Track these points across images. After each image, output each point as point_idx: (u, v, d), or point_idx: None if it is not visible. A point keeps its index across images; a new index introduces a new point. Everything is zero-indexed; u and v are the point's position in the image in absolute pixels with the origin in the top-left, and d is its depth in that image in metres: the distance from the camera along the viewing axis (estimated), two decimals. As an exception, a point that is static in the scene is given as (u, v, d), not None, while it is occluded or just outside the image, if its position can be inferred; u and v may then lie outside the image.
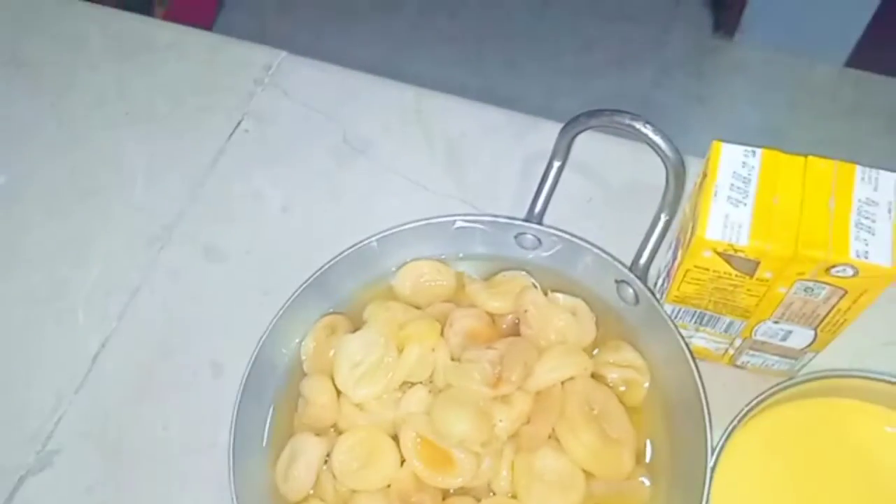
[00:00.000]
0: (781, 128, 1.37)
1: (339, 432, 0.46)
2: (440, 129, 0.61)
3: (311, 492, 0.45)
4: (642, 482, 0.44)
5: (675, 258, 0.46)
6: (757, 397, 0.43)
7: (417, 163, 0.60)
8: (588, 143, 0.51)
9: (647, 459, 0.45)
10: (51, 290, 0.59)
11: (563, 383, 0.45)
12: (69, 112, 0.66)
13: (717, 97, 1.45)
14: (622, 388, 0.46)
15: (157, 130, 0.64)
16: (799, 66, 1.44)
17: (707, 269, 0.41)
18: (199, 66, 0.67)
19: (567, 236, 0.48)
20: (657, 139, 0.43)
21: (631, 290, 0.47)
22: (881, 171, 0.39)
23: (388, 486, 0.44)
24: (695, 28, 1.53)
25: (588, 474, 0.43)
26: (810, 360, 0.47)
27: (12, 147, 0.65)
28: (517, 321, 0.48)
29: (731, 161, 0.40)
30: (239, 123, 0.63)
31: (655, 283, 0.50)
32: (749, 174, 0.40)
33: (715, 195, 0.39)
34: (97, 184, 0.63)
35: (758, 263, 0.39)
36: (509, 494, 0.43)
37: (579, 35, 1.54)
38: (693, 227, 0.40)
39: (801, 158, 0.40)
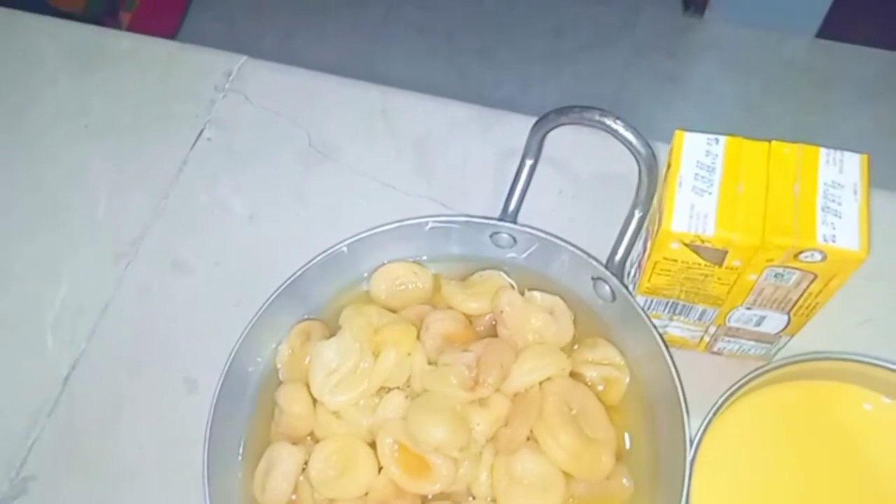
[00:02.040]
0: (755, 103, 1.37)
1: (317, 441, 0.45)
2: (407, 127, 0.61)
3: (291, 500, 0.44)
4: (623, 482, 0.43)
5: (645, 249, 0.45)
6: (733, 386, 0.43)
7: (385, 163, 0.59)
8: (559, 136, 0.51)
9: (628, 457, 0.45)
10: (17, 313, 0.57)
11: (540, 384, 0.44)
12: (28, 129, 0.65)
13: (690, 76, 1.45)
14: (601, 387, 0.46)
15: (118, 143, 0.63)
16: (770, 40, 1.44)
17: (676, 261, 0.40)
18: (159, 75, 0.65)
19: (542, 235, 0.47)
20: (628, 135, 0.43)
21: (607, 287, 0.46)
22: (846, 153, 0.39)
23: (367, 493, 0.43)
24: (665, 8, 1.53)
25: (568, 475, 0.43)
26: (786, 343, 0.47)
27: (-29, 167, 0.64)
28: (494, 321, 0.47)
29: (694, 150, 0.40)
30: (201, 132, 0.62)
31: (629, 275, 0.49)
32: (713, 163, 0.39)
33: (679, 185, 0.39)
34: (61, 201, 0.61)
35: (726, 252, 0.38)
36: (489, 498, 0.43)
37: (550, 20, 1.53)
38: (660, 220, 0.40)
39: (765, 144, 0.40)
